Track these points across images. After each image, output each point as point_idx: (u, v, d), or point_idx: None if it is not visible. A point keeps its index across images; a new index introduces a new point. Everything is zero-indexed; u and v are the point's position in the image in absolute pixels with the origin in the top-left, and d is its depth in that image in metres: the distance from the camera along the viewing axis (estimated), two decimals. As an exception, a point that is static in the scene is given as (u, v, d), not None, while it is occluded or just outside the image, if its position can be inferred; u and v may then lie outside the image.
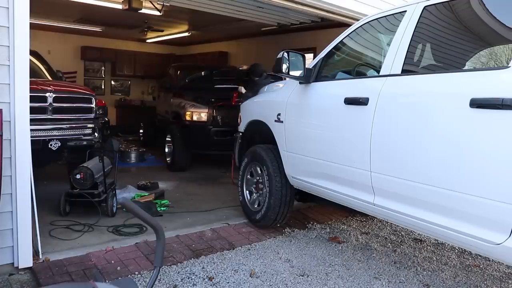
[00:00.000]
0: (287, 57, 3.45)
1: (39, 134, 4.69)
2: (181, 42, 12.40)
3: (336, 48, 3.67)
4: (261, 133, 4.31)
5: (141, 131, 9.93)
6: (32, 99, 3.20)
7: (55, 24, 9.66)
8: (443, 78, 2.63)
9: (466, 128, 2.34)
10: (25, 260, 3.02)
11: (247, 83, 6.53)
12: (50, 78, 5.96)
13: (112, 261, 3.27)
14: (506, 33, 2.57)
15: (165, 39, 11.38)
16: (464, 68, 2.76)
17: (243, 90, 6.27)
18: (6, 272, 2.98)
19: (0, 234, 2.95)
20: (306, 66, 3.57)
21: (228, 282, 3.06)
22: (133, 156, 7.86)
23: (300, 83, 3.71)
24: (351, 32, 3.54)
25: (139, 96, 12.96)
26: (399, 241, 4.06)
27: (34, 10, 3.46)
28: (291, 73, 3.50)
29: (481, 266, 3.54)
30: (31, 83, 3.12)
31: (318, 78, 3.62)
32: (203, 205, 4.93)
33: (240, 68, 7.95)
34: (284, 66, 3.45)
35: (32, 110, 3.17)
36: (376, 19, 3.39)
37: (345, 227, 4.41)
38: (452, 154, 2.40)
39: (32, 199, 3.07)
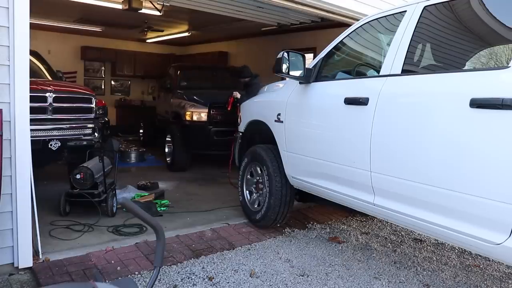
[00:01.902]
0: (287, 57, 3.45)
1: (39, 134, 4.69)
2: (181, 42, 12.40)
3: (336, 48, 3.67)
4: (261, 133, 4.31)
5: (141, 131, 9.93)
6: (32, 99, 3.20)
7: (55, 24, 9.66)
8: (443, 78, 2.63)
9: (466, 128, 2.34)
10: (25, 260, 3.02)
11: (244, 86, 6.58)
12: (50, 78, 5.95)
13: (112, 261, 3.27)
14: (506, 33, 2.57)
15: (165, 39, 11.38)
16: (464, 68, 2.76)
17: (238, 95, 6.33)
18: (6, 272, 2.98)
19: (0, 234, 2.95)
20: (306, 66, 3.57)
21: (228, 282, 3.06)
22: (133, 156, 7.86)
23: (300, 83, 3.71)
24: (351, 32, 3.54)
25: (139, 96, 12.96)
26: (399, 241, 4.06)
27: (34, 10, 3.46)
28: (291, 73, 3.50)
29: (481, 266, 3.54)
30: (31, 83, 3.12)
31: (318, 78, 3.62)
32: (203, 205, 4.93)
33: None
34: (284, 66, 3.45)
35: (32, 110, 3.17)
36: (376, 19, 3.39)
37: (345, 227, 4.40)
38: (452, 154, 2.40)
39: (32, 199, 3.07)
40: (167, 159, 7.20)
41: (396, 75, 2.86)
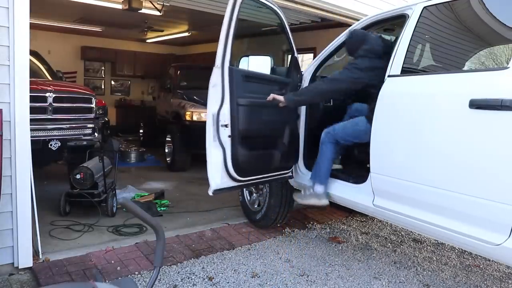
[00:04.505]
0: (246, 60, 3.51)
1: (39, 134, 4.69)
2: (181, 42, 12.38)
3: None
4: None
5: (141, 131, 9.93)
6: (32, 99, 3.20)
7: (55, 24, 9.65)
8: (443, 79, 2.63)
9: (465, 129, 2.35)
10: (25, 260, 3.03)
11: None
12: (50, 78, 5.96)
13: (112, 261, 3.28)
14: (506, 33, 2.57)
15: (165, 39, 11.37)
16: (463, 69, 2.76)
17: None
18: (6, 272, 2.98)
19: (0, 234, 2.95)
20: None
21: (228, 282, 3.06)
22: (133, 156, 7.85)
23: None
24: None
25: (139, 96, 12.94)
26: (399, 241, 4.06)
27: (34, 10, 3.46)
28: None
29: (481, 266, 3.54)
30: (31, 83, 3.12)
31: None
32: (203, 205, 4.93)
33: None
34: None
35: (32, 110, 3.17)
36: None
37: (345, 227, 4.41)
38: (452, 154, 2.40)
39: (32, 199, 3.07)
40: (167, 159, 7.20)
41: (395, 75, 2.86)
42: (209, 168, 2.98)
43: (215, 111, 2.95)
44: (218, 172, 2.98)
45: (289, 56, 3.88)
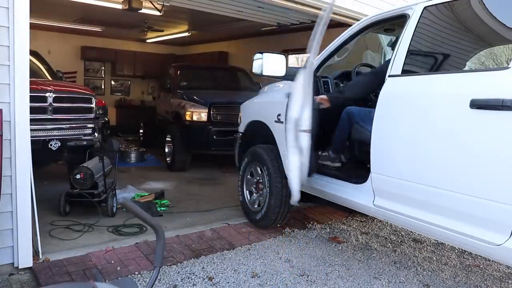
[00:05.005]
0: (261, 57, 3.48)
1: (39, 134, 4.69)
2: (181, 42, 12.40)
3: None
4: (261, 134, 4.31)
5: (141, 131, 9.93)
6: (32, 99, 3.20)
7: (55, 24, 9.66)
8: (443, 79, 2.63)
9: (466, 129, 2.34)
10: (25, 260, 3.03)
11: None
12: (50, 78, 5.95)
13: (112, 261, 3.27)
14: (506, 33, 2.57)
15: (165, 39, 11.38)
16: (464, 69, 2.76)
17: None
18: (6, 272, 2.98)
19: (0, 234, 2.95)
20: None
21: (228, 282, 3.06)
22: (133, 156, 7.85)
23: None
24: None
25: (139, 96, 12.95)
26: (399, 241, 4.06)
27: (34, 10, 3.46)
28: (265, 72, 3.52)
29: (481, 266, 3.54)
30: (31, 83, 3.11)
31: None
32: (203, 205, 4.93)
33: None
34: (256, 65, 3.47)
35: (32, 110, 3.17)
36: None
37: (345, 227, 4.40)
38: (453, 155, 2.40)
39: (32, 199, 3.07)
40: (167, 159, 7.20)
41: (396, 75, 2.86)
42: (291, 176, 2.91)
43: (297, 115, 2.88)
44: (297, 179, 2.94)
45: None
